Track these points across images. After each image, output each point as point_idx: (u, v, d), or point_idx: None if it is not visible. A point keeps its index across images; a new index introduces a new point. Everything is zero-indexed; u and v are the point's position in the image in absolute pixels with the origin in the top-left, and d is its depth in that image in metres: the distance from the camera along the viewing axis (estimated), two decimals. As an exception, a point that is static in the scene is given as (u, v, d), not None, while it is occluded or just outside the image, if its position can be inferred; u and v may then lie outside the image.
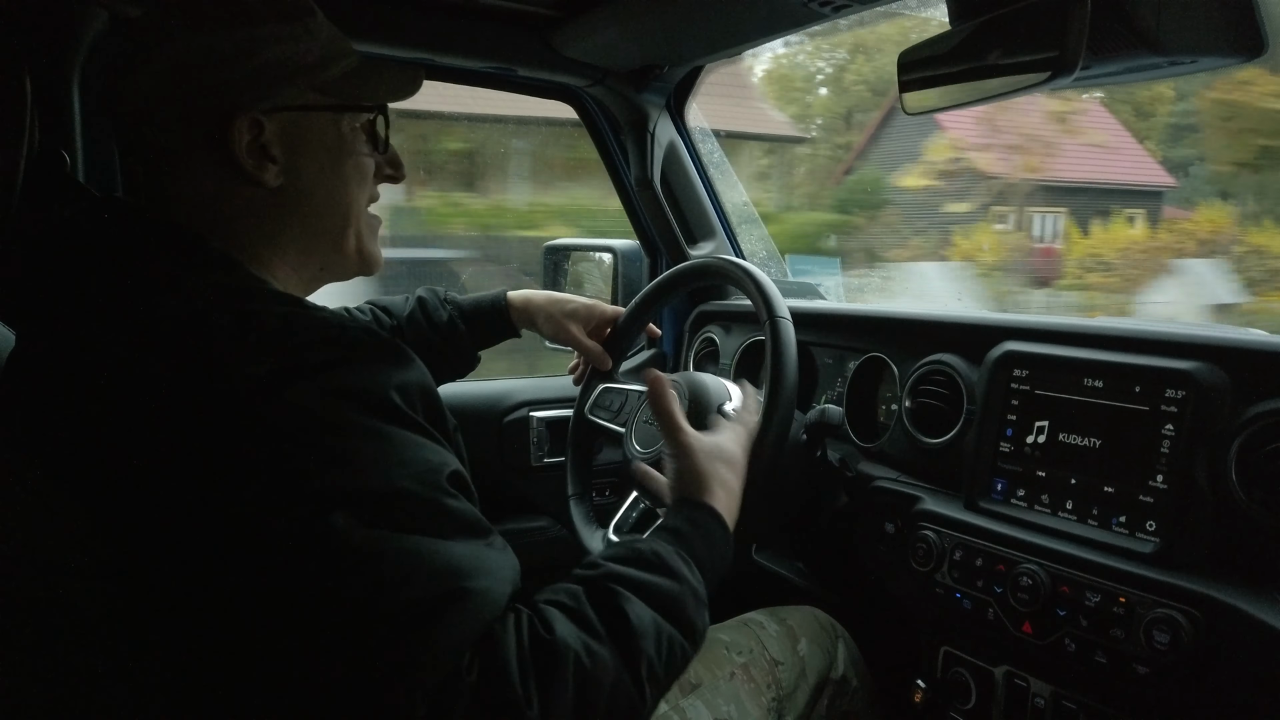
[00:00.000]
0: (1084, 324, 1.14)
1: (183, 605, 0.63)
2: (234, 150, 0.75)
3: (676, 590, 0.77)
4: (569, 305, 1.38)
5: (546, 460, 1.75)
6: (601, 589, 0.73)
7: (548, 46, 1.52)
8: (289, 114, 0.78)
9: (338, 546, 0.61)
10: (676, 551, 0.81)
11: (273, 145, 0.77)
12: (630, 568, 0.76)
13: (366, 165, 0.86)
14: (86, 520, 0.63)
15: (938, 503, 1.22)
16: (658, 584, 0.76)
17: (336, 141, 0.82)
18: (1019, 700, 1.14)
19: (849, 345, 1.49)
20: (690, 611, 0.77)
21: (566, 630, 0.67)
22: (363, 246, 0.88)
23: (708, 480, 0.93)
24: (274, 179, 0.78)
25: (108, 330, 0.66)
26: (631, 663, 0.70)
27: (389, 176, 0.91)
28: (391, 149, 0.90)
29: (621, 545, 0.81)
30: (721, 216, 1.91)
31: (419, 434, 0.68)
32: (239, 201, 0.78)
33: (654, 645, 0.72)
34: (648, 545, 0.80)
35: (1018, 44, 0.86)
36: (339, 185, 0.83)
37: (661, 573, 0.77)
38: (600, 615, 0.70)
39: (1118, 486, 1.02)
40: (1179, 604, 0.92)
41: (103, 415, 0.64)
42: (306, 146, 0.80)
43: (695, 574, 0.81)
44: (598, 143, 1.87)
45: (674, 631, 0.75)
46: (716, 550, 0.87)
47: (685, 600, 0.77)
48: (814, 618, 1.33)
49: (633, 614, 0.71)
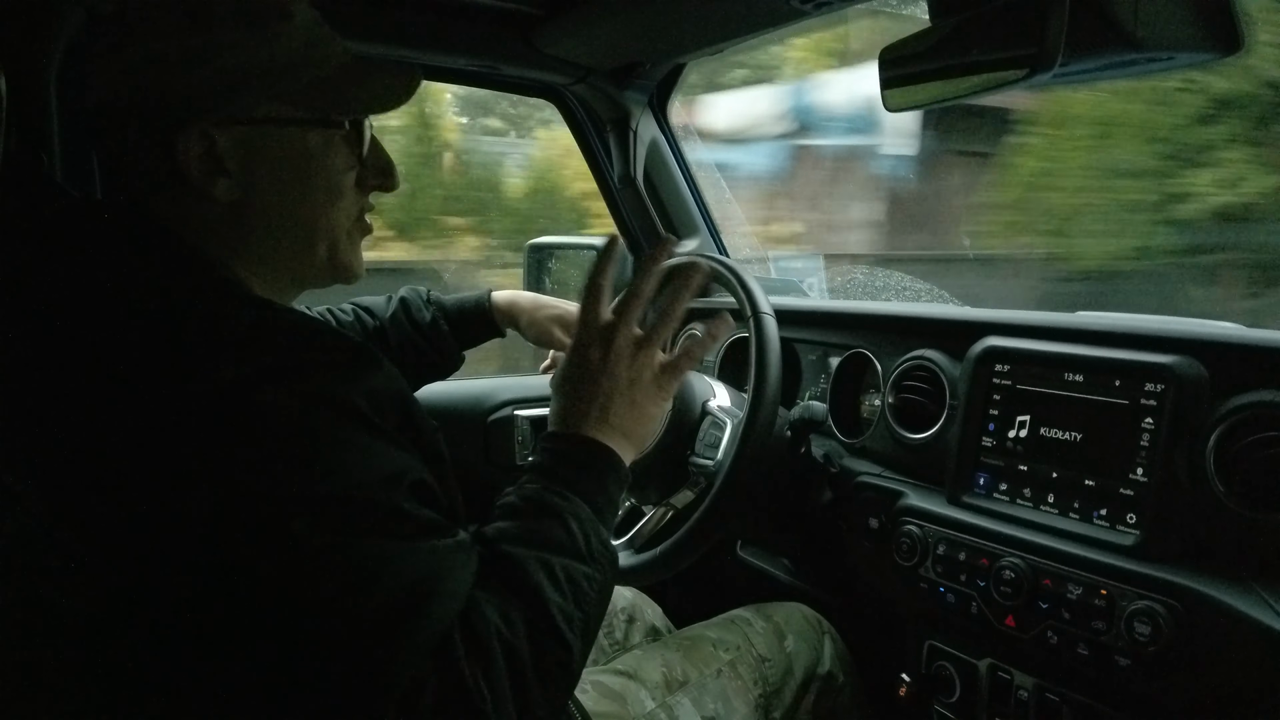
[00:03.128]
0: (1065, 319, 1.15)
1: (151, 609, 0.63)
2: (180, 162, 0.72)
3: (555, 522, 0.75)
4: (553, 309, 1.38)
5: (531, 459, 1.74)
6: (491, 554, 0.71)
7: (530, 45, 1.51)
8: (244, 127, 0.74)
9: (298, 552, 0.60)
10: (542, 487, 0.79)
11: (227, 158, 0.73)
12: (502, 521, 0.75)
13: (341, 180, 0.80)
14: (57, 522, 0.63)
15: (921, 498, 1.22)
16: (532, 527, 0.74)
17: (301, 156, 0.77)
18: (1003, 693, 1.15)
19: (832, 342, 1.49)
20: (578, 535, 0.75)
21: (480, 611, 0.66)
22: (337, 259, 0.83)
23: (553, 411, 0.88)
24: (225, 193, 0.74)
25: (78, 331, 0.66)
26: (542, 614, 0.68)
27: (378, 186, 0.86)
28: (381, 156, 0.85)
29: (496, 506, 0.79)
30: (705, 214, 1.92)
31: (384, 441, 0.67)
32: (195, 211, 0.74)
33: (552, 587, 0.70)
34: (510, 497, 0.79)
35: (997, 41, 0.86)
36: (302, 202, 0.78)
37: (534, 514, 0.75)
38: (496, 578, 0.69)
39: (1098, 480, 1.03)
40: (1159, 596, 0.93)
41: (70, 416, 0.63)
42: (265, 161, 0.75)
43: (571, 499, 0.78)
44: (580, 141, 1.86)
45: (568, 562, 0.73)
46: (579, 464, 0.82)
47: (567, 526, 0.75)
48: (800, 614, 1.34)
49: (521, 565, 0.70)
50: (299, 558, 0.60)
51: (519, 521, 0.75)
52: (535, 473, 0.81)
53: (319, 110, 0.77)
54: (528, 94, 1.79)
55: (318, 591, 0.60)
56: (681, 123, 1.87)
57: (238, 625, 0.62)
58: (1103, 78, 0.96)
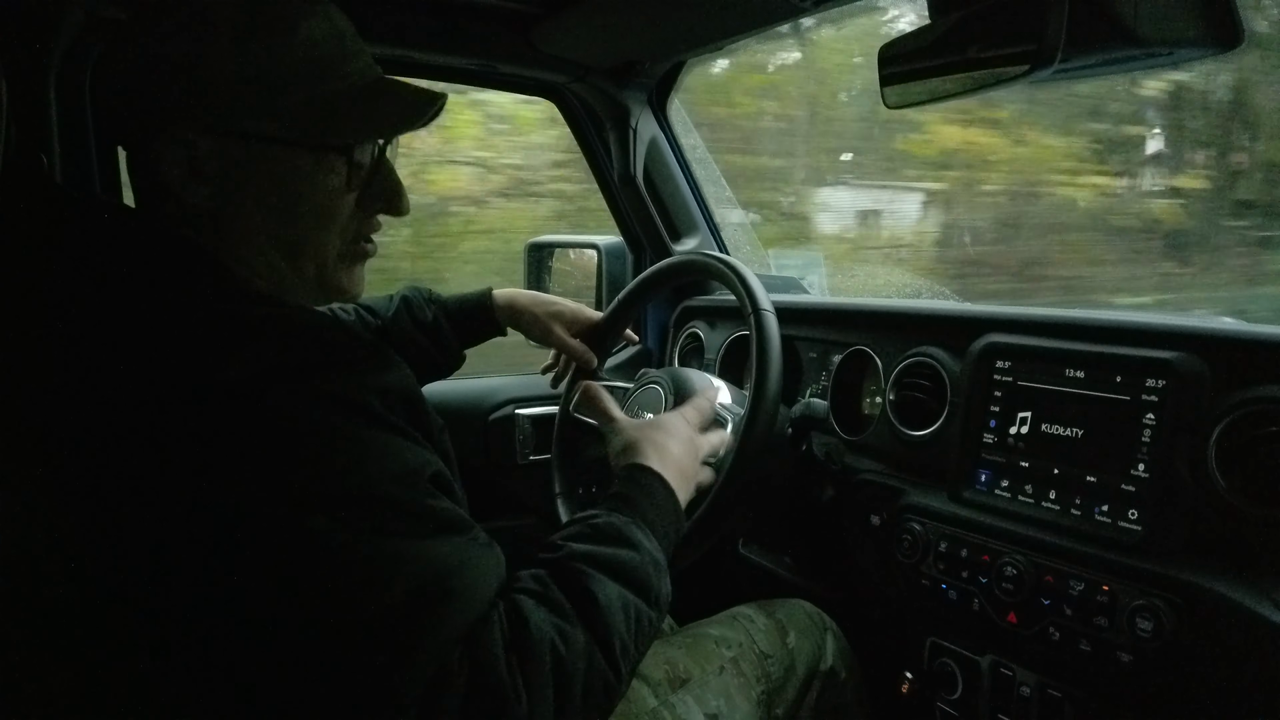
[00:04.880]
0: (1066, 315, 1.15)
1: (170, 610, 0.63)
2: (157, 164, 0.71)
3: (637, 560, 0.77)
4: (554, 306, 1.38)
5: (532, 458, 1.75)
6: (566, 570, 0.73)
7: (529, 43, 1.51)
8: (227, 138, 0.72)
9: (318, 551, 0.60)
10: (631, 521, 0.81)
11: (205, 164, 0.72)
12: (590, 544, 0.76)
13: (336, 203, 0.77)
14: (71, 522, 0.63)
15: (922, 495, 1.22)
16: (618, 556, 0.76)
17: (289, 175, 0.74)
18: (1005, 689, 1.15)
19: (833, 339, 1.49)
20: (653, 580, 0.78)
21: (540, 617, 0.67)
22: (326, 280, 0.80)
23: (641, 445, 0.95)
24: (204, 200, 0.73)
25: (85, 332, 0.66)
26: (604, 642, 0.70)
27: (384, 209, 0.83)
28: (390, 179, 0.82)
29: (578, 522, 0.81)
30: (705, 211, 1.92)
31: (399, 436, 0.67)
32: (179, 215, 0.74)
33: (623, 621, 0.72)
34: (603, 519, 0.80)
35: (997, 37, 0.86)
36: (286, 221, 0.76)
37: (620, 544, 0.78)
38: (569, 597, 0.70)
39: (1100, 476, 1.03)
40: (1161, 592, 0.93)
41: (81, 417, 0.63)
42: (246, 175, 0.73)
43: (652, 540, 0.81)
44: (580, 140, 1.86)
45: (640, 603, 0.75)
46: (663, 510, 0.87)
47: (647, 570, 0.77)
48: (802, 610, 1.34)
49: (600, 593, 0.71)
50: (315, 556, 0.61)
51: (610, 549, 0.77)
52: (621, 502, 0.85)
53: (313, 133, 0.75)
54: (527, 93, 1.79)
55: (335, 589, 0.61)
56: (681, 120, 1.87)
57: (254, 623, 0.62)
58: (1103, 74, 0.96)
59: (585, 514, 0.82)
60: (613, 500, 0.86)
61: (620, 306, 1.40)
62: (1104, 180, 3.30)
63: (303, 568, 0.60)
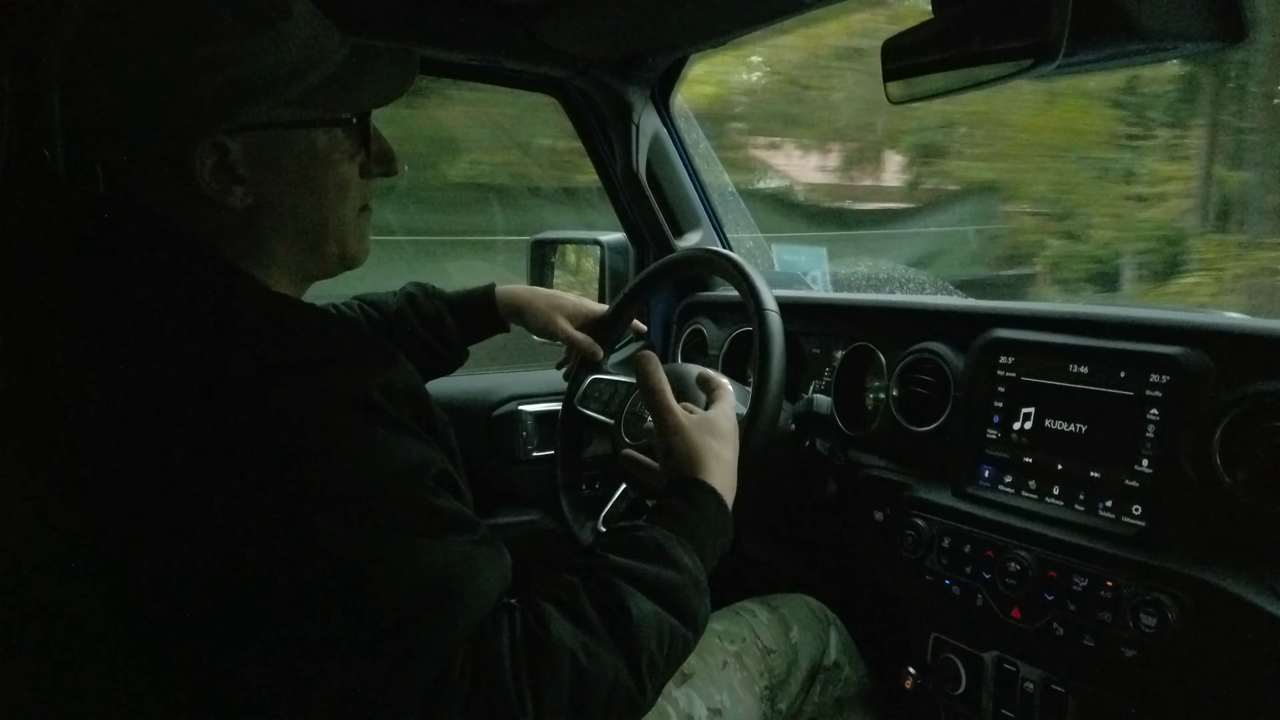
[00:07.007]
0: (1069, 310, 1.15)
1: (172, 609, 0.63)
2: (195, 177, 0.71)
3: (678, 580, 0.75)
4: (556, 299, 1.38)
5: (536, 454, 1.75)
6: (601, 582, 0.72)
7: (531, 37, 1.51)
8: (256, 133, 0.73)
9: (322, 549, 0.60)
10: (677, 538, 0.79)
11: (239, 165, 0.73)
12: (630, 558, 0.75)
13: (348, 175, 0.81)
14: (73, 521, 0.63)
15: (926, 490, 1.22)
16: (659, 575, 0.74)
17: (310, 155, 0.77)
18: (1008, 685, 1.15)
19: (836, 334, 1.49)
20: (693, 601, 0.76)
21: (562, 628, 0.67)
22: (345, 251, 0.83)
23: (702, 455, 0.90)
24: (240, 201, 0.73)
25: (89, 330, 0.66)
26: (632, 659, 0.69)
27: (380, 173, 0.86)
28: (382, 144, 0.85)
29: (620, 533, 0.80)
30: (708, 207, 1.91)
31: (404, 434, 0.67)
32: (208, 219, 0.74)
33: (656, 640, 0.71)
34: (647, 533, 0.79)
35: (1000, 31, 0.86)
36: (314, 200, 0.78)
37: (662, 562, 0.76)
38: (599, 611, 0.69)
39: (1104, 471, 1.03)
40: (1165, 587, 0.92)
41: (85, 416, 0.63)
42: (277, 163, 0.75)
43: (695, 560, 0.79)
44: (582, 135, 1.86)
45: (676, 623, 0.73)
46: (715, 528, 0.85)
47: (687, 590, 0.76)
48: (806, 606, 1.34)
49: (634, 609, 0.70)
50: (318, 554, 0.60)
51: (649, 565, 0.75)
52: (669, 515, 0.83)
53: (325, 109, 0.77)
54: (529, 88, 1.78)
55: (338, 587, 0.61)
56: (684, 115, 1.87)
57: (255, 621, 0.62)
58: (1107, 67, 0.95)
59: (629, 524, 0.81)
60: (660, 513, 0.84)
61: (626, 299, 1.40)
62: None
63: (306, 565, 0.60)
